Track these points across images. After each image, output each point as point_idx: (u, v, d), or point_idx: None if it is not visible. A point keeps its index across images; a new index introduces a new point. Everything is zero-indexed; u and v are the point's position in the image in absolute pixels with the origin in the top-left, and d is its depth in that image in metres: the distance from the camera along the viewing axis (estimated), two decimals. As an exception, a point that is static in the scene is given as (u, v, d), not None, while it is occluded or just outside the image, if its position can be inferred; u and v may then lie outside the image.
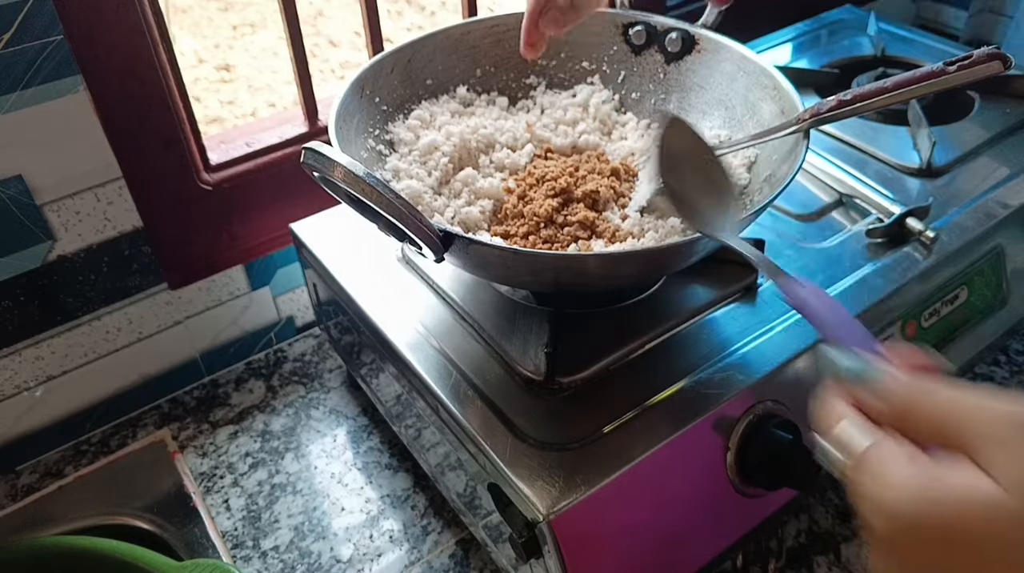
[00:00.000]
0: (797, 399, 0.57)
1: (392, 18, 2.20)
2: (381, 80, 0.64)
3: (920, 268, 0.63)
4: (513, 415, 0.53)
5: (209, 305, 0.79)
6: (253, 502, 0.70)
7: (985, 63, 0.49)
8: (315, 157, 0.44)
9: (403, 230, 0.46)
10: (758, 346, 0.56)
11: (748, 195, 0.59)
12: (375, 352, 0.64)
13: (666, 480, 0.52)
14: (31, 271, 0.67)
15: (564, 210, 0.58)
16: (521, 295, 0.61)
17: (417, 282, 0.64)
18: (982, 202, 0.69)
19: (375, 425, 0.77)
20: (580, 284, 0.55)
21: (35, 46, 0.58)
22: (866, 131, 0.78)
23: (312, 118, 0.79)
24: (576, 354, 0.55)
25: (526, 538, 0.49)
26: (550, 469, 0.49)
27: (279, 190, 0.78)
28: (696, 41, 0.67)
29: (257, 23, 2.17)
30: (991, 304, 0.70)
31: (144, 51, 0.64)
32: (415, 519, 0.68)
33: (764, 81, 0.62)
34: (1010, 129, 0.78)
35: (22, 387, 0.71)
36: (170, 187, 0.71)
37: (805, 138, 0.54)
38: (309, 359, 0.84)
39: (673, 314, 0.59)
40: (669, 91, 0.69)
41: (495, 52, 0.70)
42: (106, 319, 0.73)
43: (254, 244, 0.79)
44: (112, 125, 0.65)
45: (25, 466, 0.74)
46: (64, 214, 0.66)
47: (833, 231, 0.68)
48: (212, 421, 0.78)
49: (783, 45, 0.96)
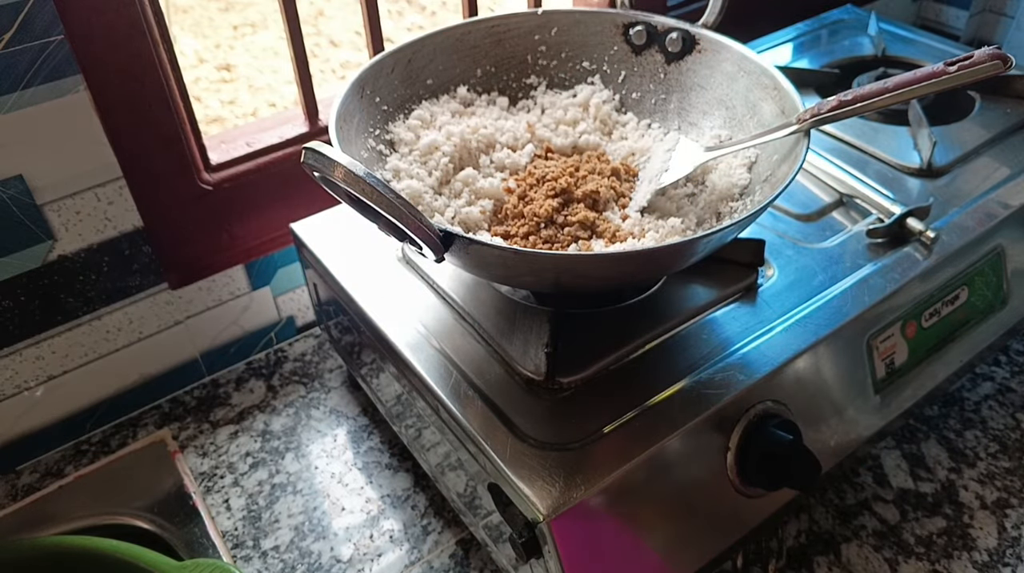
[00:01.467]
0: (797, 399, 0.57)
1: (392, 18, 2.20)
2: (381, 80, 0.64)
3: (920, 268, 0.63)
4: (513, 415, 0.53)
5: (209, 305, 0.79)
6: (253, 502, 0.70)
7: (986, 63, 0.49)
8: (315, 157, 0.44)
9: (403, 230, 0.46)
10: (758, 346, 0.56)
11: (748, 195, 0.59)
12: (375, 352, 0.64)
13: (666, 480, 0.52)
14: (31, 271, 0.67)
15: (564, 210, 0.58)
16: (521, 295, 0.61)
17: (417, 282, 0.64)
18: (982, 202, 0.69)
19: (375, 425, 0.77)
20: (580, 284, 0.55)
21: (35, 46, 0.58)
22: (866, 131, 0.78)
23: (312, 118, 0.79)
24: (576, 354, 0.55)
25: (526, 538, 0.49)
26: (550, 469, 0.49)
27: (279, 190, 0.78)
28: (696, 41, 0.67)
29: (257, 23, 2.17)
30: (991, 304, 0.70)
31: (144, 51, 0.64)
32: (415, 519, 0.68)
33: (764, 81, 0.62)
34: (1011, 129, 0.78)
35: (22, 387, 0.71)
36: (170, 187, 0.71)
37: (805, 138, 0.54)
38: (309, 359, 0.84)
39: (673, 314, 0.59)
40: (669, 91, 0.69)
41: (495, 52, 0.70)
42: (106, 319, 0.73)
43: (254, 244, 0.79)
44: (112, 125, 0.65)
45: (25, 466, 0.74)
46: (64, 214, 0.66)
47: (833, 231, 0.67)
48: (212, 421, 0.78)
49: (783, 45, 0.96)
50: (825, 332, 0.58)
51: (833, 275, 0.63)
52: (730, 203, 0.60)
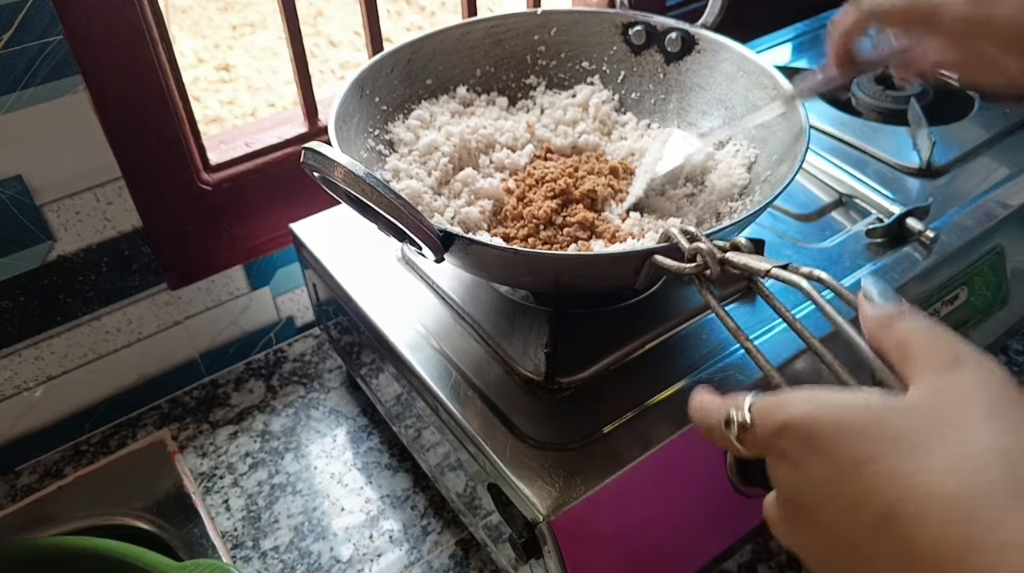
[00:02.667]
0: (797, 399, 0.57)
1: (392, 18, 2.20)
2: (381, 80, 0.64)
3: (920, 268, 0.63)
4: (513, 415, 0.53)
5: (209, 305, 0.79)
6: (253, 502, 0.70)
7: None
8: (315, 157, 0.44)
9: (403, 230, 0.46)
10: (760, 345, 0.56)
11: (748, 195, 0.59)
12: (375, 352, 0.64)
13: (666, 480, 0.52)
14: (31, 271, 0.67)
15: (563, 211, 0.58)
16: (521, 295, 0.61)
17: (417, 282, 0.64)
18: (982, 202, 0.69)
19: (375, 425, 0.77)
20: (580, 284, 0.55)
21: (35, 46, 0.58)
22: (866, 131, 0.78)
23: (312, 118, 0.79)
24: (576, 354, 0.55)
25: (526, 538, 0.49)
26: (550, 469, 0.49)
27: (279, 190, 0.78)
28: (696, 41, 0.67)
29: (257, 23, 2.17)
30: (991, 304, 0.70)
31: (144, 51, 0.64)
32: (415, 519, 0.68)
33: (764, 81, 0.62)
34: (1010, 129, 0.78)
35: (22, 387, 0.71)
36: (170, 187, 0.71)
37: (798, 111, 0.56)
38: (309, 359, 0.84)
39: (673, 314, 0.59)
40: (669, 91, 0.69)
41: (495, 52, 0.70)
42: (106, 319, 0.73)
43: (254, 244, 0.79)
44: (112, 125, 0.65)
45: (25, 466, 0.74)
46: (64, 214, 0.66)
47: (833, 231, 0.68)
48: (212, 421, 0.78)
49: (783, 45, 0.96)
50: (824, 332, 0.58)
51: (832, 275, 0.62)
52: (729, 203, 0.60)
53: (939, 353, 0.32)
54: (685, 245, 0.44)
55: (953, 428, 0.29)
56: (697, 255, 0.43)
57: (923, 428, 0.29)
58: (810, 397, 0.32)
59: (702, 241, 0.44)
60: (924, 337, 0.33)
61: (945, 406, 0.30)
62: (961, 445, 0.28)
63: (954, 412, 0.29)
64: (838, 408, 0.31)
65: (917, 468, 0.28)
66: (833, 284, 0.38)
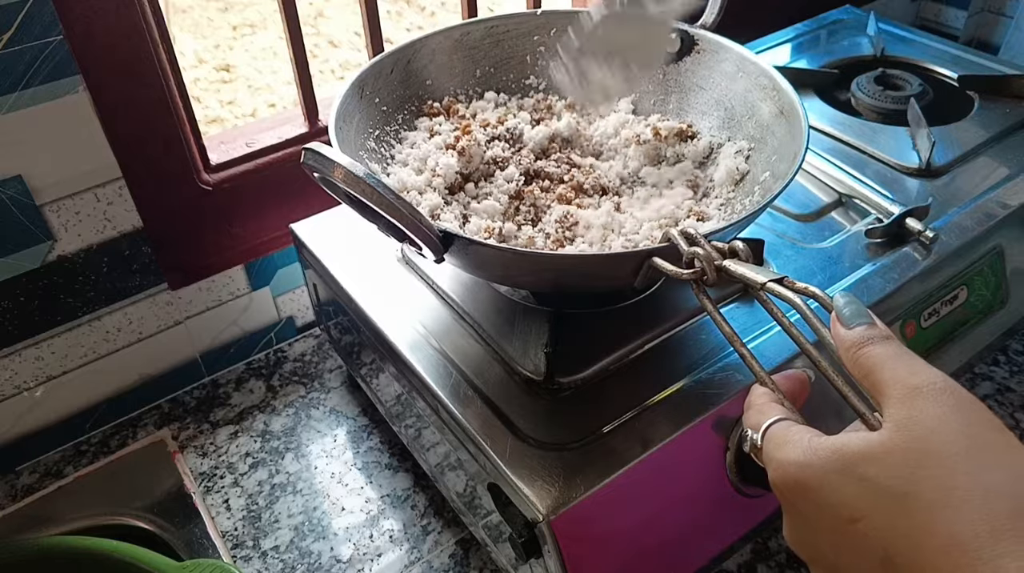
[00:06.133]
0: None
1: (392, 18, 2.20)
2: (381, 80, 0.64)
3: (920, 268, 0.63)
4: (513, 415, 0.53)
5: (209, 305, 0.79)
6: (253, 502, 0.70)
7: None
8: (315, 158, 0.44)
9: (403, 230, 0.46)
10: (758, 346, 0.56)
11: (747, 195, 0.59)
12: (375, 352, 0.64)
13: (666, 480, 0.52)
14: (31, 271, 0.67)
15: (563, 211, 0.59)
16: (521, 295, 0.61)
17: (417, 282, 0.64)
18: (982, 202, 0.69)
19: (375, 425, 0.77)
20: (579, 284, 0.55)
21: (35, 46, 0.58)
22: (865, 131, 0.78)
23: (312, 118, 0.79)
24: (576, 354, 0.55)
25: (526, 538, 0.49)
26: (550, 469, 0.49)
27: (279, 190, 0.78)
28: (696, 42, 0.67)
29: (257, 23, 2.17)
30: (991, 304, 0.70)
31: (144, 51, 0.64)
32: (415, 519, 0.68)
33: (763, 82, 0.62)
34: (1010, 129, 0.78)
35: (22, 387, 0.71)
36: (170, 187, 0.71)
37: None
38: (309, 359, 0.84)
39: (673, 314, 0.59)
40: (668, 91, 0.69)
41: (495, 53, 0.70)
42: (106, 319, 0.73)
43: (254, 244, 0.79)
44: (112, 125, 0.65)
45: (25, 466, 0.74)
46: (64, 214, 0.66)
47: (833, 231, 0.68)
48: (212, 421, 0.78)
49: (783, 45, 0.96)
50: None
51: (832, 275, 0.63)
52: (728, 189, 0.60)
53: (900, 383, 0.33)
54: (684, 248, 0.44)
55: (928, 469, 0.31)
56: (695, 260, 0.44)
57: (902, 473, 0.31)
58: (806, 446, 0.34)
59: (701, 245, 0.44)
60: (888, 366, 0.34)
61: (916, 441, 0.31)
62: (941, 482, 0.30)
63: (924, 445, 0.31)
64: (824, 462, 0.33)
65: (904, 523, 0.30)
66: (827, 302, 0.38)
